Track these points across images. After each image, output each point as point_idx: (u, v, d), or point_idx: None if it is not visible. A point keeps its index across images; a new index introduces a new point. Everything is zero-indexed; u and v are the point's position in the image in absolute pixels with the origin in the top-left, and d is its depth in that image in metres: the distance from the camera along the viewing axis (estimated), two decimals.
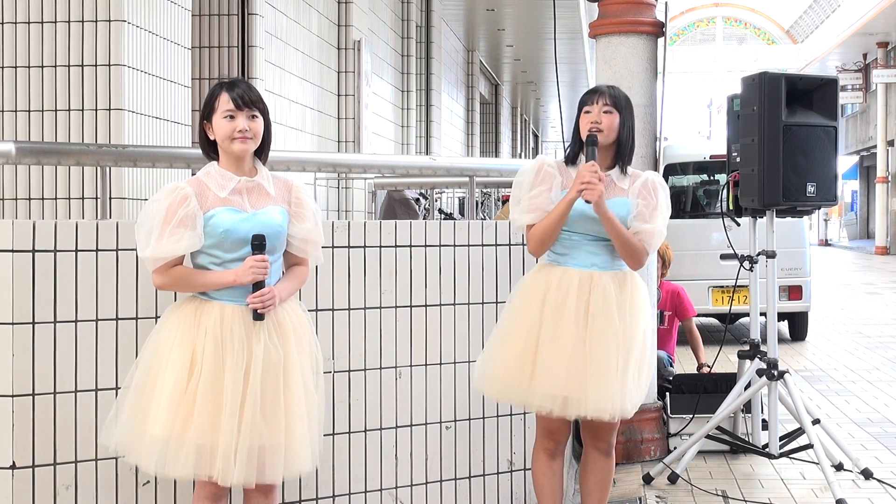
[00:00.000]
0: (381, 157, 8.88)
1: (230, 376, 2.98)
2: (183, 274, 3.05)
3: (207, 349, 2.99)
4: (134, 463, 3.07)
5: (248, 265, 3.03)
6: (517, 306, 3.68)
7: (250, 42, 7.65)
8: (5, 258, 3.20)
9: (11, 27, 5.35)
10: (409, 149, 13.61)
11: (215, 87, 3.15)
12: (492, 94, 26.24)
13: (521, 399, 3.67)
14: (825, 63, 34.39)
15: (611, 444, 3.78)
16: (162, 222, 2.99)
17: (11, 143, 4.35)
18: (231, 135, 3.08)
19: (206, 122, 3.13)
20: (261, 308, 3.03)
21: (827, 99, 5.05)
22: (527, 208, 3.62)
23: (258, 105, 3.12)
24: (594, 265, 3.61)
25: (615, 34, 5.44)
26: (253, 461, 2.99)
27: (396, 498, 4.00)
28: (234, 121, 3.08)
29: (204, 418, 2.96)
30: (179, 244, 2.99)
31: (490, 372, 3.68)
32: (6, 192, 5.35)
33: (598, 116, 3.62)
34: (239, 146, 3.09)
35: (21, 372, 3.22)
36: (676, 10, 42.73)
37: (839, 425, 6.18)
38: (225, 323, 3.02)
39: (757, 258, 5.19)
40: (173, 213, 2.99)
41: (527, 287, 3.69)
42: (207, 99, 3.14)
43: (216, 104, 3.10)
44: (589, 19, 5.86)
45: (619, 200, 3.61)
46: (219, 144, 3.12)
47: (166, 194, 3.03)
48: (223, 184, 3.10)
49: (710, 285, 9.49)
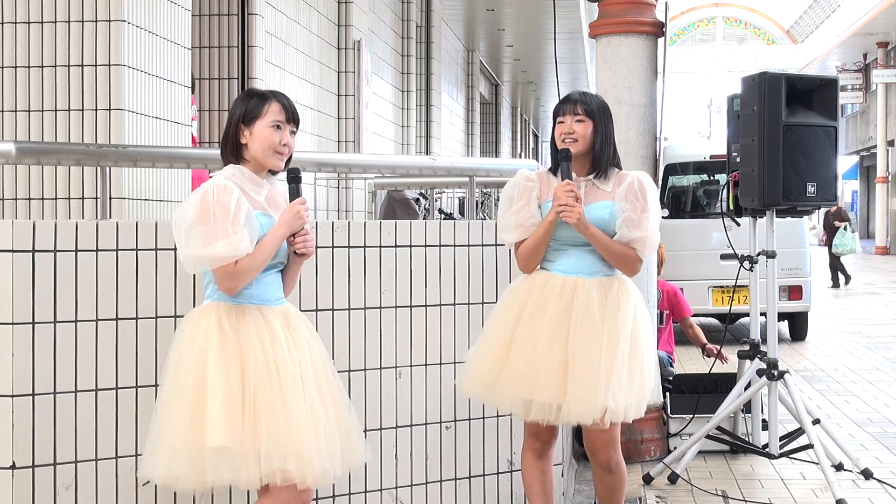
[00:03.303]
0: (381, 157, 8.87)
1: (286, 375, 2.94)
2: (249, 262, 2.93)
3: (258, 353, 2.93)
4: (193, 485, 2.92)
5: (295, 209, 3.02)
6: (498, 310, 3.70)
7: (250, 42, 7.64)
8: (5, 258, 3.20)
9: (11, 27, 5.35)
10: (409, 149, 13.61)
11: (258, 95, 3.08)
12: (492, 94, 26.24)
13: (491, 400, 3.67)
14: (825, 63, 34.39)
15: (610, 460, 3.68)
16: (223, 218, 2.87)
17: (11, 143, 4.35)
18: (275, 146, 3.03)
19: (243, 126, 3.05)
20: (304, 249, 3.05)
21: (827, 99, 5.05)
22: (509, 226, 3.64)
23: (299, 121, 3.11)
24: (579, 272, 3.58)
25: (615, 34, 5.44)
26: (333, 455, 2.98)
27: (396, 498, 4.00)
28: (280, 132, 3.04)
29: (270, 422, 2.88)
30: (244, 243, 2.91)
31: (468, 372, 3.70)
32: (6, 192, 5.34)
33: (570, 127, 3.59)
34: (277, 160, 3.06)
35: (21, 372, 3.22)
36: (676, 10, 42.74)
37: (839, 425, 6.19)
38: (268, 324, 3.00)
39: (757, 258, 5.19)
40: (233, 210, 2.89)
41: (511, 291, 3.70)
42: (252, 104, 3.05)
43: (264, 110, 3.04)
44: (589, 19, 5.86)
45: (601, 204, 3.58)
46: (253, 152, 3.05)
47: (217, 191, 2.91)
48: (256, 189, 3.06)
49: (710, 285, 9.49)
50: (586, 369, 3.45)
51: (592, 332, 3.48)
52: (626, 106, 5.41)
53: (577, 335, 3.48)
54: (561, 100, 3.70)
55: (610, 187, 3.60)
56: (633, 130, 5.41)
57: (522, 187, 3.63)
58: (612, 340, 3.48)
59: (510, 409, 3.62)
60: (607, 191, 3.60)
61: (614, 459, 3.68)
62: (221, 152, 3.13)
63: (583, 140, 3.58)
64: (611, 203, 3.58)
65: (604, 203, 3.58)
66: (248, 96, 3.10)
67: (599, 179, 3.61)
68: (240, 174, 3.06)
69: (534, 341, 3.51)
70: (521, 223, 3.61)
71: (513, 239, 3.64)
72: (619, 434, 3.68)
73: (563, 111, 3.63)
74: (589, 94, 3.69)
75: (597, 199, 3.59)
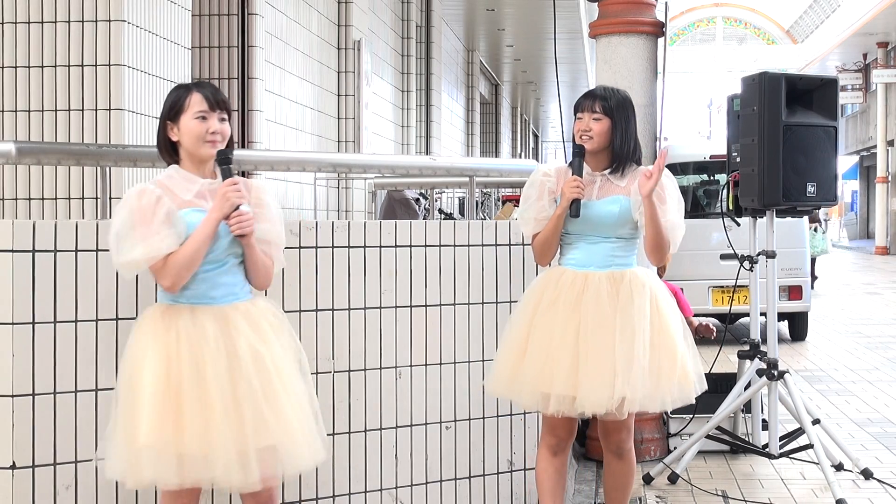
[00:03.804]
0: (381, 157, 8.87)
1: (213, 378, 2.91)
2: (179, 256, 2.93)
3: (183, 355, 2.92)
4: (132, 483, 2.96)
5: (223, 192, 2.97)
6: (518, 308, 3.76)
7: (250, 42, 7.65)
8: (5, 258, 3.20)
9: (11, 27, 5.35)
10: (409, 149, 13.61)
11: (181, 88, 3.08)
12: (492, 94, 26.24)
13: (513, 396, 3.71)
14: (825, 63, 34.38)
15: (622, 446, 3.73)
16: (142, 222, 2.90)
17: (11, 143, 4.34)
18: (203, 136, 3.01)
19: (170, 123, 3.05)
20: (240, 230, 2.98)
21: (827, 99, 5.05)
22: (525, 219, 3.70)
23: (227, 107, 3.08)
24: (592, 265, 3.61)
25: (615, 34, 5.44)
26: (254, 463, 2.92)
27: (396, 498, 4.00)
28: (206, 122, 3.02)
29: (194, 425, 2.88)
30: (164, 242, 2.91)
31: (493, 371, 3.74)
32: (6, 192, 5.34)
33: (587, 124, 3.62)
34: (210, 149, 3.03)
35: (21, 372, 3.22)
36: (676, 10, 42.72)
37: (839, 425, 6.18)
38: (197, 324, 2.97)
39: (757, 258, 5.19)
40: (152, 212, 2.91)
41: (530, 288, 3.77)
42: (174, 99, 3.05)
43: (186, 104, 3.02)
44: (589, 19, 5.86)
45: (611, 199, 3.61)
46: (185, 146, 3.05)
47: (136, 196, 2.93)
48: (187, 186, 3.04)
49: (710, 285, 9.49)
50: (598, 361, 3.48)
51: (604, 325, 3.51)
52: None
53: (588, 327, 3.51)
54: (584, 94, 3.72)
55: (625, 183, 3.63)
56: None
57: (538, 182, 3.68)
58: (626, 331, 3.50)
59: (531, 403, 3.64)
60: (621, 186, 3.62)
61: (626, 444, 3.72)
62: (161, 157, 3.12)
63: (598, 137, 3.61)
64: (621, 197, 3.60)
65: (614, 198, 3.61)
66: (169, 95, 3.09)
67: (615, 175, 3.64)
68: (175, 174, 3.06)
69: (549, 335, 3.54)
70: (533, 217, 3.66)
71: (527, 232, 3.72)
72: (632, 421, 3.71)
73: (582, 107, 3.65)
74: (611, 89, 3.70)
75: (609, 194, 3.62)
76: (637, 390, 3.49)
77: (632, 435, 3.75)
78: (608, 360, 3.48)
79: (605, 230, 3.61)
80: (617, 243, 3.63)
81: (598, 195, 3.62)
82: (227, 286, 3.05)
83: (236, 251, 3.07)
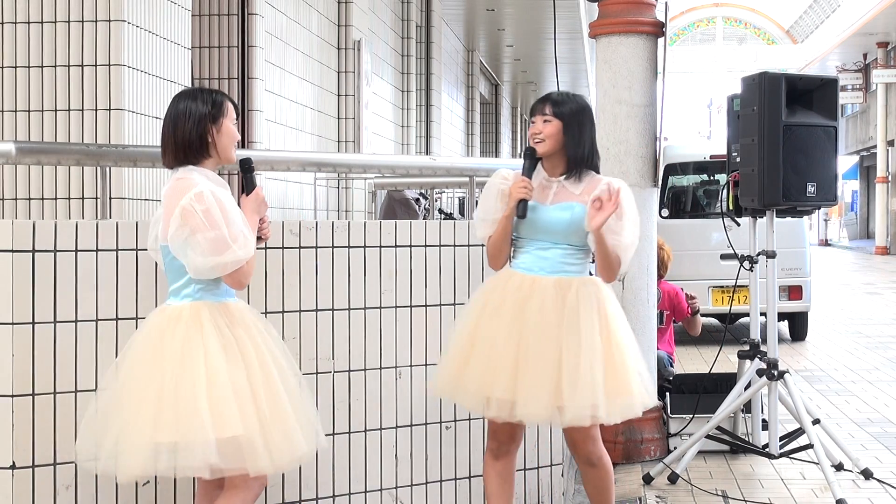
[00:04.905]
0: (381, 157, 8.88)
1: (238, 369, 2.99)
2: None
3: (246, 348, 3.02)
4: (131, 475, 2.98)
5: (261, 196, 3.16)
6: (465, 309, 3.73)
7: (250, 42, 7.65)
8: (5, 258, 3.20)
9: (11, 27, 5.35)
10: (409, 149, 13.61)
11: (216, 93, 3.17)
12: (492, 94, 26.24)
13: (457, 398, 3.68)
14: (825, 63, 34.39)
15: (590, 457, 3.66)
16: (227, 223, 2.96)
17: (11, 143, 4.35)
18: (235, 141, 3.16)
19: (211, 125, 3.11)
20: (268, 234, 3.24)
21: (827, 99, 5.05)
22: (477, 221, 3.69)
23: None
24: (541, 270, 3.56)
25: (615, 34, 5.44)
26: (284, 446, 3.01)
27: (396, 498, 4.00)
28: (236, 127, 3.18)
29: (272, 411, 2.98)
30: (252, 238, 3.04)
31: (437, 372, 3.72)
32: (6, 192, 5.35)
33: (538, 127, 3.59)
34: (234, 153, 3.17)
35: (21, 372, 3.22)
36: (676, 10, 42.71)
37: (839, 425, 6.18)
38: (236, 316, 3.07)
39: (757, 258, 5.19)
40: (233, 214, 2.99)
41: (479, 289, 3.74)
42: (216, 102, 3.12)
43: (226, 109, 3.13)
44: (589, 19, 5.86)
45: (564, 205, 3.56)
46: (219, 148, 3.12)
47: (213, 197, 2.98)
48: (222, 189, 3.10)
49: (710, 285, 9.49)
50: (538, 370, 3.43)
51: (547, 333, 3.46)
52: (626, 106, 5.42)
53: (530, 335, 3.47)
54: (538, 98, 3.70)
55: (579, 190, 3.57)
56: (633, 130, 5.41)
57: (494, 184, 3.64)
58: (571, 342, 3.44)
59: (473, 406, 3.64)
60: (576, 193, 3.57)
61: (594, 453, 3.65)
62: (172, 155, 3.13)
63: (550, 140, 3.57)
64: (575, 204, 3.55)
65: (567, 204, 3.56)
66: (205, 97, 3.13)
67: (571, 181, 3.59)
68: (205, 176, 3.09)
69: (493, 339, 3.51)
70: (482, 218, 3.64)
71: (480, 234, 3.69)
72: (597, 431, 3.64)
73: (535, 110, 3.63)
74: (567, 94, 3.65)
75: (562, 200, 3.58)
76: (578, 402, 3.41)
77: (598, 443, 3.65)
78: (549, 369, 3.43)
79: (555, 236, 3.56)
80: (568, 250, 3.57)
81: (551, 200, 3.58)
82: (225, 286, 3.12)
83: None
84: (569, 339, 3.45)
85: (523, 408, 3.45)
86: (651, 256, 5.49)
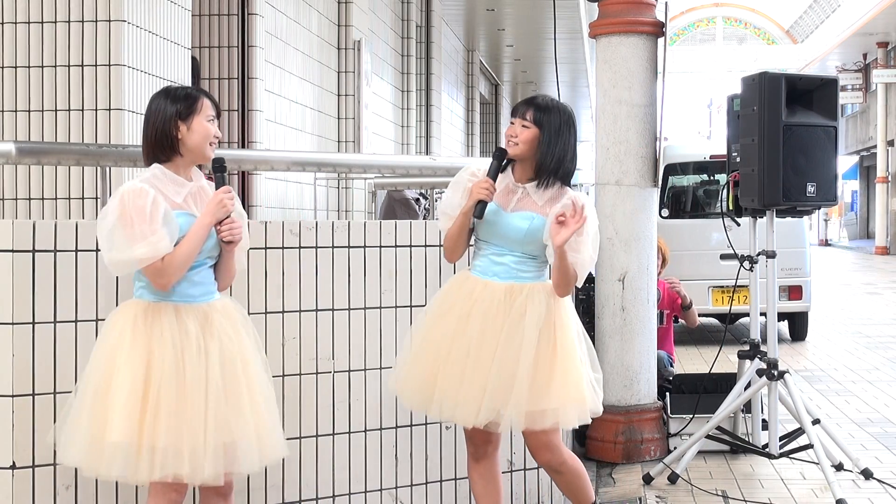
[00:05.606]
0: (381, 157, 8.88)
1: (191, 376, 2.97)
2: (176, 257, 2.98)
3: (166, 352, 2.96)
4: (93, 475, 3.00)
5: (219, 198, 3.04)
6: (425, 308, 3.72)
7: (250, 42, 7.64)
8: (5, 258, 3.21)
9: (11, 27, 5.35)
10: (409, 149, 13.60)
11: (191, 90, 3.14)
12: (492, 94, 26.24)
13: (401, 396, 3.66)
14: (825, 63, 34.38)
15: (550, 461, 3.61)
16: (141, 221, 2.92)
17: (11, 143, 4.35)
18: (209, 139, 3.10)
19: (180, 122, 3.07)
20: (230, 237, 3.07)
21: (827, 99, 5.05)
22: (439, 213, 3.66)
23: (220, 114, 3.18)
24: (495, 275, 3.55)
25: (615, 34, 5.44)
26: (220, 457, 2.98)
27: (396, 498, 4.00)
28: (212, 125, 3.11)
29: (170, 420, 2.92)
30: (163, 242, 2.94)
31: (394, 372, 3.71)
32: (6, 192, 5.34)
33: (515, 130, 3.56)
34: (211, 152, 3.11)
35: (21, 372, 3.22)
36: (676, 10, 42.68)
37: (839, 425, 6.18)
38: (181, 323, 3.01)
39: (757, 258, 5.19)
40: (151, 212, 2.93)
41: (440, 290, 3.73)
42: (188, 99, 3.09)
43: (199, 106, 3.09)
44: (589, 19, 5.85)
45: (525, 214, 3.53)
46: (190, 146, 3.08)
47: (133, 194, 2.95)
48: (176, 189, 3.07)
49: (710, 285, 9.49)
50: (474, 373, 3.43)
51: (488, 338, 3.45)
52: (626, 106, 5.42)
53: (473, 339, 3.46)
54: (522, 99, 3.67)
55: (542, 201, 3.54)
56: (633, 130, 5.41)
57: (461, 180, 3.61)
58: (509, 346, 3.43)
59: (415, 407, 3.66)
60: (538, 203, 3.54)
61: (554, 460, 3.60)
62: (145, 153, 3.12)
63: (523, 145, 3.53)
64: (535, 215, 3.52)
65: (528, 213, 3.53)
66: (177, 94, 3.11)
67: (536, 190, 3.55)
68: (161, 175, 3.07)
69: (437, 342, 3.52)
70: (445, 211, 3.61)
71: (441, 226, 3.66)
72: (556, 438, 3.58)
73: (517, 112, 3.59)
74: (553, 101, 3.60)
75: (524, 209, 3.55)
76: (513, 407, 3.40)
77: (558, 451, 3.59)
78: (482, 373, 3.42)
79: (511, 244, 3.54)
80: (522, 258, 3.54)
81: (513, 207, 3.55)
82: (204, 285, 3.11)
83: (214, 254, 3.14)
84: (508, 343, 3.44)
85: (456, 410, 3.45)
86: (651, 257, 5.49)
